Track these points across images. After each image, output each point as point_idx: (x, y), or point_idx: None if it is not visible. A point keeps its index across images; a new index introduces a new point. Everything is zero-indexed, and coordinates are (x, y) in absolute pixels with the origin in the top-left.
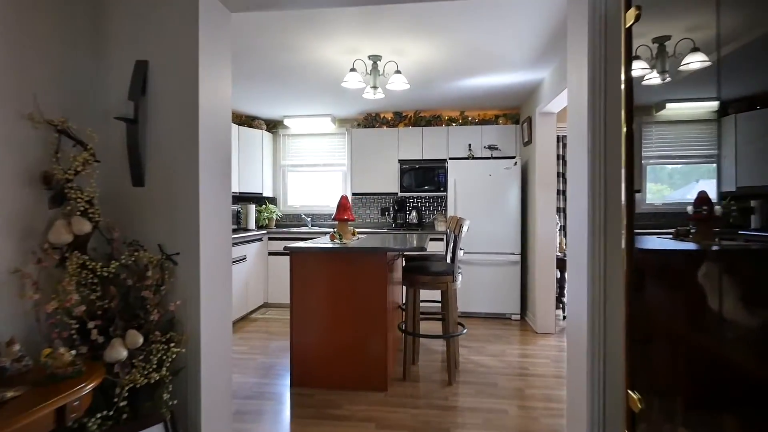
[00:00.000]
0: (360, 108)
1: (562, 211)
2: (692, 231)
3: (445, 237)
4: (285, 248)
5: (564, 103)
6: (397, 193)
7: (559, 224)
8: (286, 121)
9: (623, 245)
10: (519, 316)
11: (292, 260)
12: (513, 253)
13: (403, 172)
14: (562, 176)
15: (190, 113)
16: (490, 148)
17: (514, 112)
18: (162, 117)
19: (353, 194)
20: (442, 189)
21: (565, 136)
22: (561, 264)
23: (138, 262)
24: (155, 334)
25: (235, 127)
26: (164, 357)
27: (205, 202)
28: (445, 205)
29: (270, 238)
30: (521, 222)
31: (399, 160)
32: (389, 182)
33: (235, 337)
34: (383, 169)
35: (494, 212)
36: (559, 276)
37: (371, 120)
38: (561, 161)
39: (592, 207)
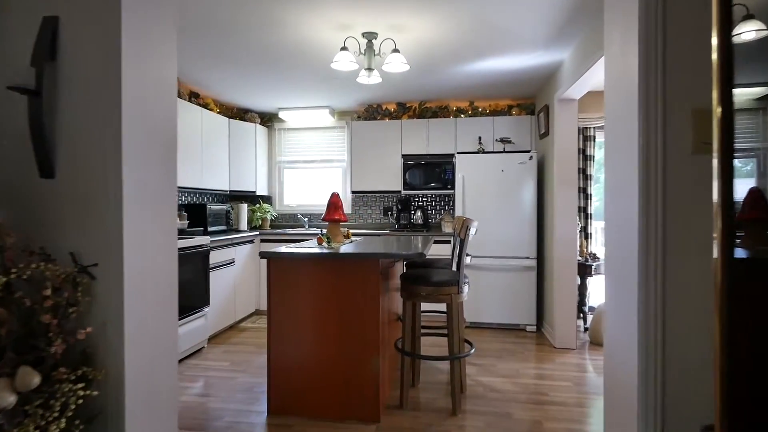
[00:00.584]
0: (360, 98)
1: (582, 211)
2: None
3: (452, 240)
4: (261, 254)
5: (587, 87)
6: (400, 192)
7: (580, 225)
8: (281, 114)
9: (716, 253)
10: (535, 327)
11: (270, 268)
12: (528, 258)
13: (407, 168)
14: (582, 173)
15: (112, 83)
16: (503, 141)
17: (528, 101)
18: (77, 89)
19: (353, 192)
20: (449, 186)
21: (587, 127)
22: (582, 270)
23: (43, 276)
24: (59, 371)
25: (225, 120)
26: (70, 401)
27: (134, 199)
28: (453, 204)
29: (263, 240)
30: (537, 223)
31: (403, 155)
32: (392, 179)
33: (218, 350)
34: (385, 165)
35: (507, 212)
36: (579, 283)
37: (372, 112)
38: (582, 156)
39: (646, 209)
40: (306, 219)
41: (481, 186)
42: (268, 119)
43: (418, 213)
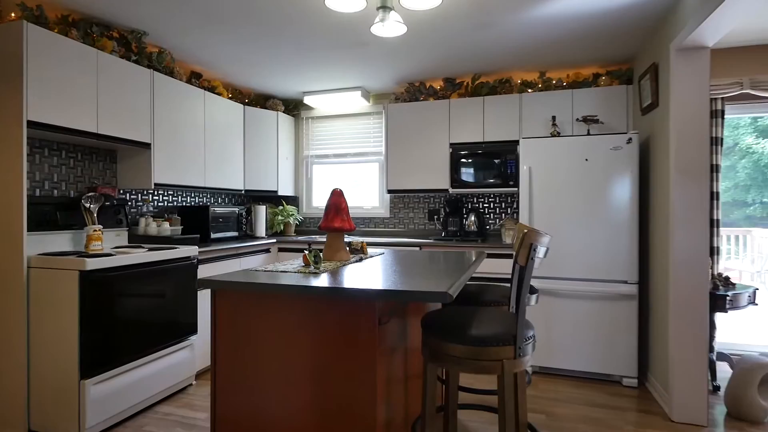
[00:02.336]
0: (398, 74)
1: (716, 224)
2: None
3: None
4: (199, 282)
5: (730, 23)
6: (447, 190)
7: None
8: (306, 99)
9: None
10: (636, 381)
11: (216, 303)
12: (626, 282)
13: (456, 160)
14: (714, 168)
15: None
16: (587, 120)
17: (623, 66)
18: None
19: (389, 191)
20: (511, 183)
21: (711, 98)
22: (716, 303)
23: None
24: None
25: (238, 107)
26: None
27: None
28: (517, 206)
29: (281, 249)
30: (639, 233)
31: (451, 144)
32: (437, 175)
33: (207, 391)
34: (429, 157)
35: (593, 217)
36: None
37: (414, 92)
38: (715, 142)
39: None
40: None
41: (555, 181)
42: (293, 106)
43: (472, 217)
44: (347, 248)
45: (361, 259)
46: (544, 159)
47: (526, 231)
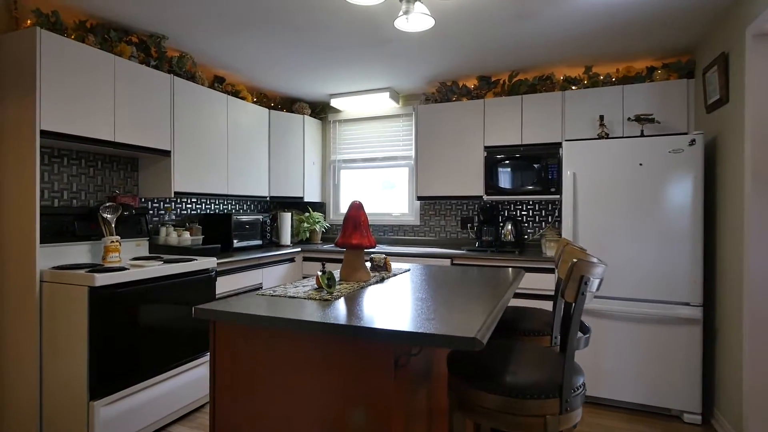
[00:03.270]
0: (428, 72)
1: None
2: None
3: (555, 274)
4: (195, 310)
5: None
6: (482, 197)
7: None
8: (333, 102)
9: None
10: (699, 417)
11: (215, 335)
12: (687, 304)
13: (491, 164)
14: None
15: None
16: (640, 119)
17: (681, 58)
18: None
19: (418, 198)
20: (553, 190)
21: None
22: None
23: None
24: None
25: (263, 111)
26: None
27: None
28: (559, 214)
29: (306, 258)
30: (704, 248)
31: (486, 147)
32: (470, 181)
33: None
34: (462, 161)
35: (648, 229)
36: None
37: (446, 91)
38: None
39: None
40: None
41: (604, 188)
42: (320, 109)
43: (508, 226)
44: (368, 265)
45: (382, 279)
46: (591, 163)
47: (575, 261)
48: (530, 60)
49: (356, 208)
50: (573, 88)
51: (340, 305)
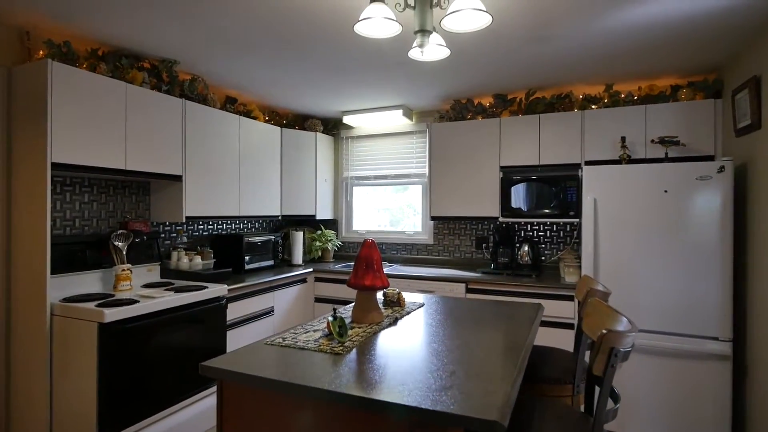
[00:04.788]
0: (442, 91)
1: None
2: None
3: (575, 318)
4: (201, 367)
5: None
6: (497, 218)
7: None
8: (346, 119)
9: None
10: None
11: (222, 391)
12: (716, 339)
13: (507, 185)
14: None
15: None
16: (664, 142)
17: (708, 77)
18: None
19: (432, 218)
20: (572, 214)
21: None
22: None
23: None
24: None
25: (275, 129)
26: None
27: None
28: (577, 236)
29: (318, 279)
30: (734, 280)
31: (501, 168)
32: (486, 201)
33: None
34: (476, 181)
35: (673, 259)
36: None
37: (460, 109)
38: None
39: None
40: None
41: (626, 215)
42: (332, 125)
43: (525, 247)
44: (381, 298)
45: (395, 321)
46: (613, 189)
47: (604, 333)
48: (548, 78)
49: (369, 247)
50: (593, 107)
51: (352, 362)
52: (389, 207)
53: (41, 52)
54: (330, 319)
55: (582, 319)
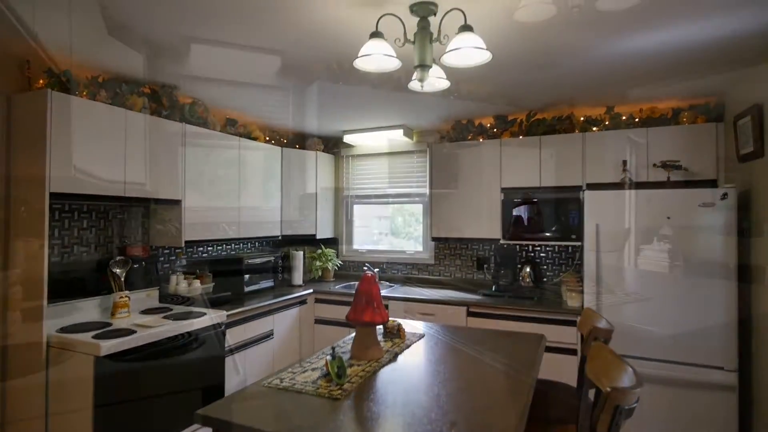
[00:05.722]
0: (443, 112)
1: None
2: None
3: (577, 333)
4: (195, 415)
5: None
6: (498, 240)
7: None
8: (346, 138)
9: None
10: None
11: None
12: (722, 369)
13: (508, 206)
14: None
15: None
16: (666, 166)
17: (709, 100)
18: None
19: (433, 239)
20: (573, 237)
21: None
22: None
23: None
24: None
25: (276, 149)
26: None
27: None
28: (579, 258)
29: (318, 300)
30: (738, 310)
31: (502, 189)
32: (487, 223)
33: None
34: (478, 202)
35: (677, 286)
36: None
37: (461, 129)
38: None
39: None
40: (377, 270)
41: (629, 241)
42: (333, 144)
43: (526, 269)
44: (381, 332)
45: (395, 356)
46: (615, 215)
47: (609, 390)
48: (548, 99)
49: (368, 281)
50: (594, 129)
51: (349, 409)
52: (390, 214)
53: (41, 81)
54: (329, 358)
55: (585, 359)
